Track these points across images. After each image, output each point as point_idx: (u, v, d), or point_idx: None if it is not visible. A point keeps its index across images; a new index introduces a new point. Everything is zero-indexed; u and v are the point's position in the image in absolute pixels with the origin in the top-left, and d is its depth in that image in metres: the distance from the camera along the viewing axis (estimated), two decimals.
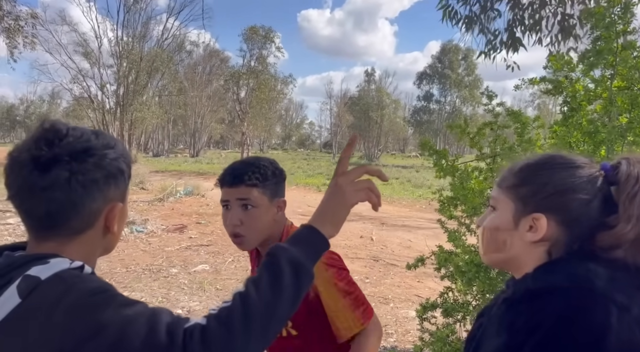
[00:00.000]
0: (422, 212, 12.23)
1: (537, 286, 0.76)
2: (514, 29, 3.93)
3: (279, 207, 1.31)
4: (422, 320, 2.49)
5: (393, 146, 74.60)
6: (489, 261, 0.90)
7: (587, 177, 0.80)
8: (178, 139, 60.20)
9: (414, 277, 6.06)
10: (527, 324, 0.71)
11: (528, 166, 0.85)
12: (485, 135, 2.89)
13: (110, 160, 0.76)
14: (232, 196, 1.25)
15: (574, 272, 0.75)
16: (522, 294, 0.77)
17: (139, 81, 31.54)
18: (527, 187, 0.82)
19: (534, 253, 0.81)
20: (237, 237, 1.27)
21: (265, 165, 1.29)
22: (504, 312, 0.78)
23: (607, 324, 0.68)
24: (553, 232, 0.79)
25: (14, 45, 13.00)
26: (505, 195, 0.85)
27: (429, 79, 51.67)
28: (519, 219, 0.82)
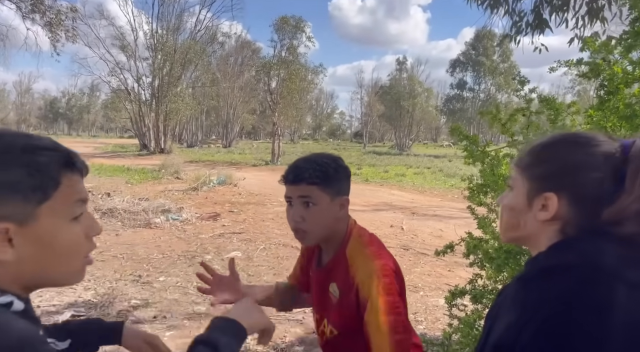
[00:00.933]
0: (454, 201, 12.07)
1: (548, 264, 0.77)
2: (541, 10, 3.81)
3: (341, 205, 1.31)
4: (451, 307, 2.49)
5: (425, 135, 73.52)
6: (505, 239, 0.92)
7: (601, 155, 0.79)
8: (211, 130, 61.21)
9: (445, 266, 6.03)
10: (536, 301, 0.73)
11: (541, 145, 0.86)
12: (518, 122, 2.83)
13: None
14: (294, 193, 1.28)
15: (584, 250, 0.75)
16: (535, 272, 0.79)
17: (173, 73, 32.20)
18: (539, 166, 0.84)
19: (548, 232, 0.81)
20: (298, 232, 1.29)
21: (328, 163, 1.29)
22: (517, 290, 0.80)
23: (612, 301, 0.68)
24: (565, 211, 0.80)
25: (56, 39, 13.49)
26: (520, 174, 0.86)
27: (462, 66, 50.52)
28: (533, 199, 0.83)
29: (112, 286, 4.81)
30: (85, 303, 4.30)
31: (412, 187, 15.96)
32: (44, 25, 13.35)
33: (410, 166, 24.42)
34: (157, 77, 32.55)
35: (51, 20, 13.20)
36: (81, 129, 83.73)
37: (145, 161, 22.67)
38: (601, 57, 2.09)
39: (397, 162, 27.91)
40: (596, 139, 0.82)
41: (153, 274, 5.30)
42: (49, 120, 78.79)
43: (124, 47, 32.94)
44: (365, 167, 22.90)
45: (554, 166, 0.82)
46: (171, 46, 32.23)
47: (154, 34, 32.93)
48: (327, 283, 1.35)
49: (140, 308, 4.25)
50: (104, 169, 17.47)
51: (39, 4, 12.99)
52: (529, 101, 2.79)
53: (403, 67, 52.68)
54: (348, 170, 1.35)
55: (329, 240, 1.33)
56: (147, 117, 32.08)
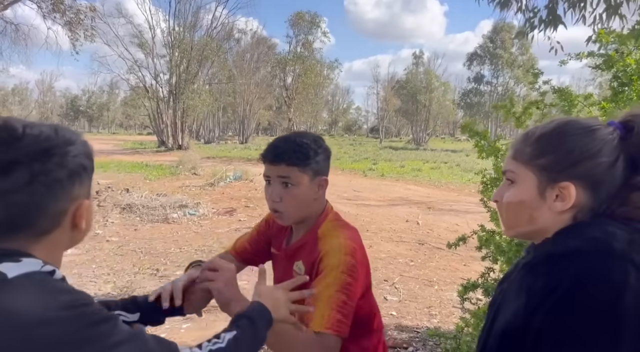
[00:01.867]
0: (470, 196, 11.96)
1: (557, 250, 0.78)
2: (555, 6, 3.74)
3: (320, 186, 1.30)
4: (463, 300, 2.50)
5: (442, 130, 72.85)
6: (515, 234, 0.90)
7: (605, 139, 0.79)
8: (228, 126, 61.67)
9: (460, 260, 6.00)
10: (545, 286, 0.73)
11: (545, 135, 0.83)
12: (532, 115, 2.81)
13: (72, 157, 0.73)
14: (273, 173, 1.27)
15: (593, 236, 0.76)
16: (542, 258, 0.79)
17: (190, 70, 32.49)
18: (548, 156, 0.81)
19: (561, 221, 0.81)
20: (276, 212, 1.29)
21: (308, 143, 1.27)
22: (523, 276, 0.80)
23: (624, 284, 0.68)
24: (580, 199, 0.79)
25: (76, 38, 13.76)
26: (524, 167, 0.84)
27: (480, 59, 49.81)
28: (545, 190, 0.81)
29: (131, 279, 4.92)
30: (105, 296, 4.41)
31: (428, 182, 15.86)
32: (64, 24, 13.63)
33: (427, 161, 24.25)
34: (174, 74, 32.88)
35: (71, 19, 13.46)
36: (101, 126, 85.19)
37: (163, 158, 22.98)
38: (614, 49, 2.06)
39: (414, 157, 27.73)
40: (593, 124, 0.82)
41: (170, 268, 5.40)
42: (70, 117, 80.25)
43: (142, 44, 33.33)
44: (381, 162, 22.81)
45: (564, 155, 0.80)
46: (188, 43, 32.51)
47: (171, 31, 33.25)
48: (292, 261, 1.34)
49: None
50: (123, 166, 17.78)
51: (59, 4, 13.26)
52: (543, 94, 2.77)
53: (419, 61, 52.27)
54: (328, 151, 1.34)
55: (304, 220, 1.32)
56: (165, 114, 32.46)
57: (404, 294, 4.79)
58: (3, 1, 12.37)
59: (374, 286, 5.26)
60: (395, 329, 3.91)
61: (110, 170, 16.32)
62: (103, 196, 9.61)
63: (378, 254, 6.34)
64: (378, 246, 6.75)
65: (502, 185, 0.89)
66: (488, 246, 2.47)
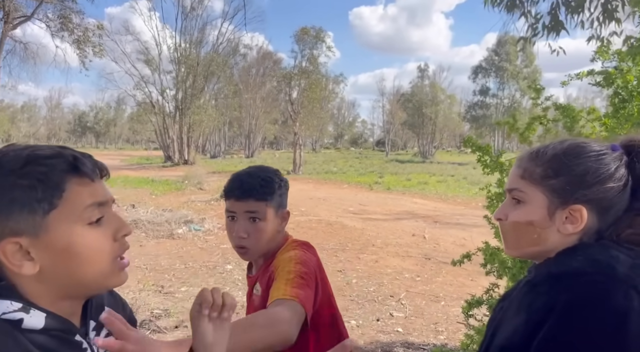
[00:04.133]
0: (478, 209, 11.89)
1: (559, 269, 0.77)
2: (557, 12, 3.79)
3: (283, 219, 1.31)
4: (468, 316, 2.47)
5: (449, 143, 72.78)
6: (520, 254, 0.88)
7: (615, 163, 0.80)
8: (234, 141, 62.03)
9: (467, 275, 5.94)
10: (545, 305, 0.73)
11: (558, 156, 0.82)
12: (536, 131, 2.81)
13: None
14: (240, 209, 1.25)
15: (595, 258, 0.75)
16: (543, 277, 0.79)
17: (196, 85, 32.84)
18: (560, 178, 0.80)
19: (568, 243, 0.81)
20: (242, 248, 1.27)
21: (272, 177, 1.29)
22: (524, 294, 0.80)
23: (628, 309, 0.68)
24: (589, 222, 0.79)
25: (84, 55, 13.99)
26: (534, 187, 0.82)
27: (485, 72, 49.91)
28: (555, 212, 0.80)
29: (136, 296, 4.91)
30: None
31: (435, 195, 15.80)
32: (72, 42, 13.88)
33: (433, 174, 24.19)
34: (180, 89, 33.24)
35: (79, 37, 13.71)
36: (108, 142, 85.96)
37: (169, 173, 23.10)
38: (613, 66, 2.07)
39: (420, 170, 27.69)
40: (602, 147, 0.82)
41: (175, 285, 5.39)
42: (78, 133, 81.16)
43: (149, 61, 33.79)
44: (387, 176, 22.79)
45: (577, 177, 0.80)
46: (194, 59, 32.93)
47: (177, 47, 33.73)
48: (253, 286, 1.35)
49: (162, 318, 4.33)
50: (129, 181, 17.89)
51: (68, 23, 13.52)
52: (545, 109, 2.77)
53: (425, 74, 52.49)
54: (288, 184, 1.35)
55: (267, 253, 1.32)
56: (171, 129, 32.73)
57: (410, 310, 4.74)
58: (12, 21, 12.62)
59: (379, 301, 5.21)
60: (401, 346, 3.87)
61: (116, 186, 16.42)
62: None
63: (384, 269, 6.30)
64: (384, 261, 6.71)
65: (506, 203, 0.87)
66: (493, 262, 2.45)
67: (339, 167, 29.40)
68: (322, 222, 9.69)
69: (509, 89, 49.47)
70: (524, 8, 4.16)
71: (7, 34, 12.72)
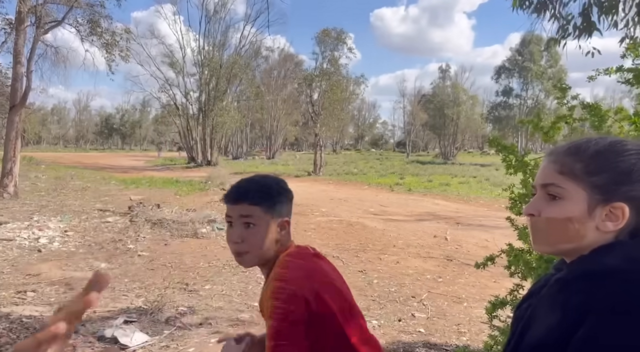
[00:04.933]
0: (500, 211, 11.72)
1: (595, 267, 0.76)
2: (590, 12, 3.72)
3: (282, 227, 1.28)
4: (492, 318, 2.46)
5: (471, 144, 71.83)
6: (554, 251, 0.85)
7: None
8: (255, 142, 62.49)
9: (490, 277, 5.88)
10: (583, 304, 0.71)
11: (601, 152, 0.80)
12: (561, 130, 2.78)
13: None
14: (235, 213, 1.25)
15: (633, 256, 0.74)
16: (578, 274, 0.77)
17: (219, 87, 33.25)
18: (603, 174, 0.79)
19: (604, 240, 0.79)
20: (238, 254, 1.26)
21: (271, 184, 1.28)
22: (556, 291, 0.79)
23: None
24: (629, 219, 0.78)
25: (112, 59, 14.33)
26: (574, 183, 0.80)
27: (508, 72, 49.11)
28: (594, 208, 0.79)
29: (161, 293, 5.02)
30: (137, 309, 4.52)
31: (456, 196, 15.64)
32: (100, 46, 14.22)
33: (455, 175, 23.92)
34: (203, 92, 33.71)
35: (107, 41, 14.04)
36: (133, 143, 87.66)
37: (193, 173, 23.45)
38: None
39: (442, 171, 27.41)
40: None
41: (199, 283, 5.49)
42: (105, 135, 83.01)
43: (173, 64, 34.38)
44: (408, 177, 22.64)
45: (621, 175, 0.79)
46: (217, 62, 33.35)
47: (201, 50, 34.23)
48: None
49: (187, 315, 4.42)
50: (155, 182, 18.23)
51: (97, 27, 13.86)
52: (571, 109, 2.74)
53: (446, 74, 51.97)
54: (291, 194, 1.32)
55: (267, 263, 1.28)
56: (195, 130, 33.22)
57: (432, 311, 4.72)
58: (44, 26, 13.03)
59: (401, 301, 5.20)
60: (423, 346, 3.86)
61: (142, 187, 16.76)
62: (135, 212, 9.87)
63: (405, 270, 6.29)
64: (405, 262, 6.69)
65: (538, 198, 0.84)
66: (517, 264, 2.43)
67: (360, 168, 29.33)
68: (343, 222, 9.71)
69: (533, 90, 48.57)
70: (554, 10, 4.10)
71: (39, 38, 13.12)
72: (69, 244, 7.45)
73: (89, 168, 26.41)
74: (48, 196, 13.21)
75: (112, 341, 3.71)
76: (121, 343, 3.68)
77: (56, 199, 12.67)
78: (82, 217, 9.68)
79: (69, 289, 5.13)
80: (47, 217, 9.52)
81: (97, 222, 9.17)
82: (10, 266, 6.05)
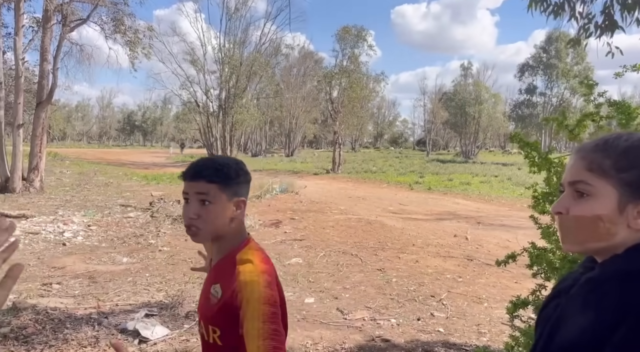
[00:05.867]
0: (522, 211, 11.52)
1: (629, 267, 0.74)
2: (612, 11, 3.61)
3: (237, 206, 1.31)
4: (513, 317, 2.42)
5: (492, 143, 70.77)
6: (583, 249, 0.83)
7: None
8: (274, 140, 62.77)
9: (511, 277, 5.79)
10: (620, 304, 0.70)
11: (633, 149, 0.78)
12: (587, 128, 2.71)
13: None
14: (192, 190, 1.28)
15: None
16: (613, 274, 0.75)
17: (239, 85, 33.42)
18: (635, 171, 0.76)
19: (637, 238, 0.77)
20: (191, 229, 1.28)
21: (229, 164, 1.31)
22: (588, 291, 0.77)
23: None
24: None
25: (135, 56, 14.57)
26: (604, 180, 0.78)
27: (532, 70, 48.15)
28: (626, 206, 0.76)
29: (181, 288, 5.09)
30: (158, 303, 4.59)
31: (477, 196, 15.44)
32: (124, 44, 14.48)
33: (476, 174, 23.60)
34: (224, 89, 33.93)
35: (130, 39, 14.28)
36: (154, 140, 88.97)
37: None
38: None
39: (462, 170, 27.08)
40: None
41: None
42: (127, 132, 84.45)
43: (194, 61, 34.66)
44: (428, 175, 22.43)
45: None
46: (237, 59, 33.51)
47: (221, 48, 34.42)
48: (211, 283, 1.33)
49: None
50: (175, 178, 18.45)
51: (120, 25, 14.11)
52: (598, 106, 2.67)
53: (468, 72, 51.24)
54: (249, 176, 1.36)
55: (220, 239, 1.32)
56: (215, 127, 33.48)
57: (452, 311, 4.67)
58: (70, 24, 13.31)
59: (420, 301, 5.18)
60: (442, 346, 3.83)
61: (163, 183, 17.00)
62: (156, 207, 10.02)
63: (424, 269, 6.24)
64: (425, 261, 6.64)
65: (566, 196, 0.82)
66: (540, 263, 2.39)
67: (379, 166, 29.19)
68: (362, 221, 9.68)
69: (558, 88, 47.54)
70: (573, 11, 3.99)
71: (65, 36, 13.41)
72: (92, 238, 7.61)
73: (112, 164, 26.93)
74: (72, 191, 13.51)
75: (134, 334, 3.78)
76: (142, 336, 3.74)
77: (80, 194, 12.95)
78: (105, 212, 9.88)
79: (92, 282, 5.24)
80: (72, 211, 9.75)
81: (120, 217, 9.34)
82: (37, 258, 6.22)
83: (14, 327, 3.76)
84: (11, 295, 4.63)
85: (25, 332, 3.68)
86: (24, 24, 12.91)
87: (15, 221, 8.39)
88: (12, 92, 13.88)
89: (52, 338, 3.63)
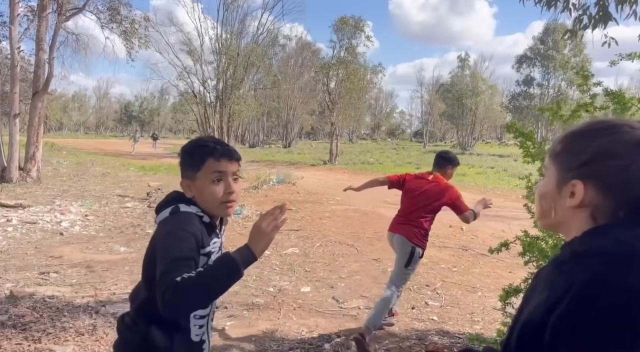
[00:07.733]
0: (517, 202, 11.58)
1: (582, 248, 0.78)
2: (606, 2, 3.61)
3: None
4: (505, 305, 2.46)
5: (489, 134, 70.86)
6: (541, 225, 0.95)
7: (631, 141, 0.78)
8: (272, 131, 62.66)
9: (505, 267, 5.85)
10: (565, 283, 0.73)
11: (570, 133, 0.87)
12: (581, 118, 2.73)
13: None
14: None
15: (619, 238, 0.75)
16: (568, 256, 0.80)
17: (236, 76, 33.21)
18: (566, 154, 0.85)
19: (578, 218, 0.82)
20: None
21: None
22: (549, 272, 0.81)
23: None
24: (593, 198, 0.80)
25: (131, 46, 14.48)
26: (551, 162, 0.88)
27: (530, 62, 48.04)
28: (561, 186, 0.84)
29: None
30: None
31: (474, 186, 15.50)
32: (120, 33, 14.38)
33: (473, 166, 23.66)
34: (221, 80, 33.72)
35: (127, 29, 14.18)
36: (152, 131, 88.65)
37: None
38: None
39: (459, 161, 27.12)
40: (627, 126, 0.81)
41: None
42: (124, 122, 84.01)
43: (191, 52, 34.39)
44: (424, 167, 22.38)
45: (578, 154, 0.82)
46: (235, 50, 33.26)
47: (218, 38, 34.16)
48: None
49: None
50: (173, 168, 18.42)
51: (116, 14, 14.01)
52: (593, 96, 2.69)
53: (465, 63, 51.10)
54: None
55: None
56: (212, 118, 33.34)
57: (446, 300, 4.73)
58: (65, 13, 13.20)
59: (414, 290, 5.23)
60: (436, 334, 3.88)
61: (160, 173, 16.99)
62: (154, 198, 10.03)
63: None
64: None
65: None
66: (532, 251, 2.42)
67: (376, 157, 29.20)
68: (359, 211, 9.72)
69: (555, 79, 47.49)
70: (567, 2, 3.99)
71: (61, 25, 13.30)
72: (89, 227, 7.62)
73: (109, 154, 26.85)
74: (69, 181, 13.49)
75: None
76: None
77: (77, 184, 12.94)
78: (102, 202, 9.89)
79: (90, 271, 5.27)
80: (69, 201, 9.75)
81: (117, 208, 9.35)
82: (34, 248, 6.24)
83: (12, 315, 3.79)
84: (9, 283, 4.66)
85: (23, 320, 3.71)
86: (19, 13, 12.79)
87: (12, 210, 8.39)
88: (7, 81, 13.78)
89: (50, 326, 3.66)
